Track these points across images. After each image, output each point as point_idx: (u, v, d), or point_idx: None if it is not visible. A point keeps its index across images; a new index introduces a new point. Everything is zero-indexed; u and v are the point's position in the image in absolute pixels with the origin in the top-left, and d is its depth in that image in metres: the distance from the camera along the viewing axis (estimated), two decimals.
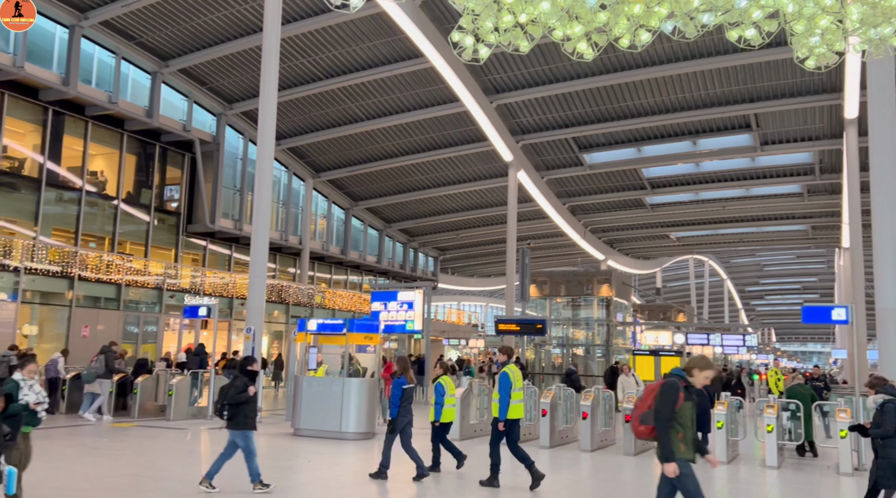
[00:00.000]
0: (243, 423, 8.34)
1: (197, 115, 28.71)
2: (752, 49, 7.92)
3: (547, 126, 31.70)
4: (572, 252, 49.50)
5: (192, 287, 26.29)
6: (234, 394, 8.30)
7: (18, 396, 6.90)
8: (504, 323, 27.55)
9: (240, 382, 8.42)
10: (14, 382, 7.06)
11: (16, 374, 7.17)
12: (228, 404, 8.29)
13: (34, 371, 7.23)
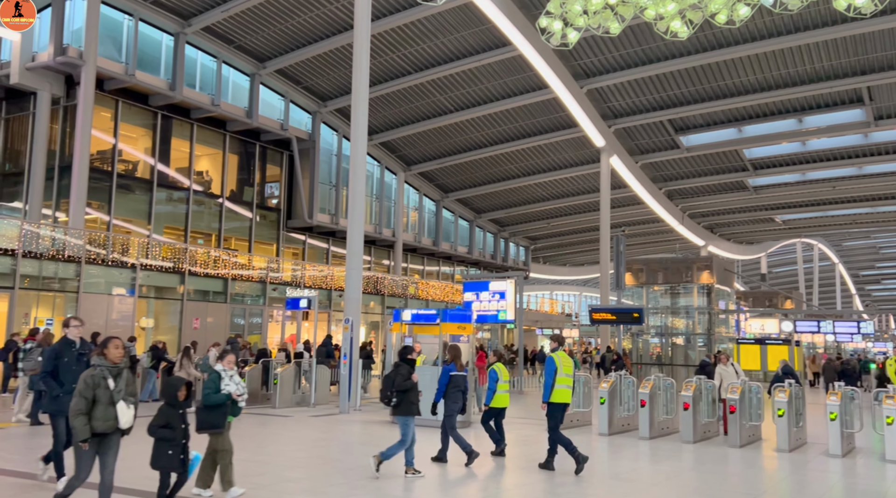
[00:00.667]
0: (407, 409, 8.70)
1: (293, 113, 29.75)
2: (863, 18, 7.39)
3: (640, 109, 30.83)
4: (670, 238, 48.03)
5: (293, 280, 27.30)
6: (401, 381, 8.65)
7: (220, 386, 7.10)
8: (599, 312, 27.10)
9: (404, 369, 8.80)
10: (216, 373, 7.19)
11: (217, 365, 7.31)
12: (396, 391, 8.60)
13: (233, 362, 7.39)
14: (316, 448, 11.18)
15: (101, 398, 5.69)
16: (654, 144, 34.58)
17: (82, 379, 5.71)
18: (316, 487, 8.17)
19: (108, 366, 5.85)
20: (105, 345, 5.92)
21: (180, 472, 6.44)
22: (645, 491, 8.57)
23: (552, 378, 9.49)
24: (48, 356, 7.61)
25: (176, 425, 6.44)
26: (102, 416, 5.68)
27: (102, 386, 5.71)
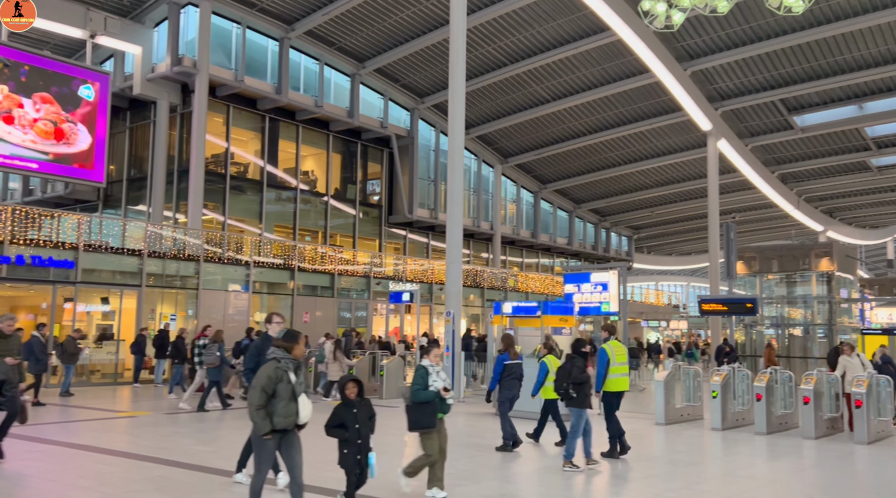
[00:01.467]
0: (582, 401, 8.83)
1: (392, 111, 30.35)
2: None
3: (750, 89, 29.34)
4: (784, 224, 45.54)
5: (395, 274, 27.89)
6: (578, 374, 8.78)
7: (428, 382, 6.86)
8: (708, 303, 26.05)
9: (579, 362, 8.94)
10: (423, 369, 6.93)
11: (423, 360, 7.09)
12: (573, 383, 8.76)
13: (440, 356, 7.16)
14: None
15: (283, 393, 5.44)
16: (766, 126, 32.82)
17: (265, 374, 5.47)
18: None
19: (291, 359, 5.63)
20: (295, 339, 5.72)
21: (356, 472, 6.25)
22: (764, 488, 8.20)
23: (605, 368, 9.78)
24: (252, 353, 7.41)
25: (350, 424, 6.21)
26: (284, 411, 5.45)
27: (285, 380, 5.47)
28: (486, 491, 7.58)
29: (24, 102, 20.44)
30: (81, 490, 7.19)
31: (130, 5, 24.16)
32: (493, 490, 7.68)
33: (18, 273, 17.61)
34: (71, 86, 21.47)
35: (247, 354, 7.55)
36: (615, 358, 9.87)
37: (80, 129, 21.67)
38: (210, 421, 12.79)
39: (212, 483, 7.58)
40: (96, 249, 19.29)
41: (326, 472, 7.65)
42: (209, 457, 9.03)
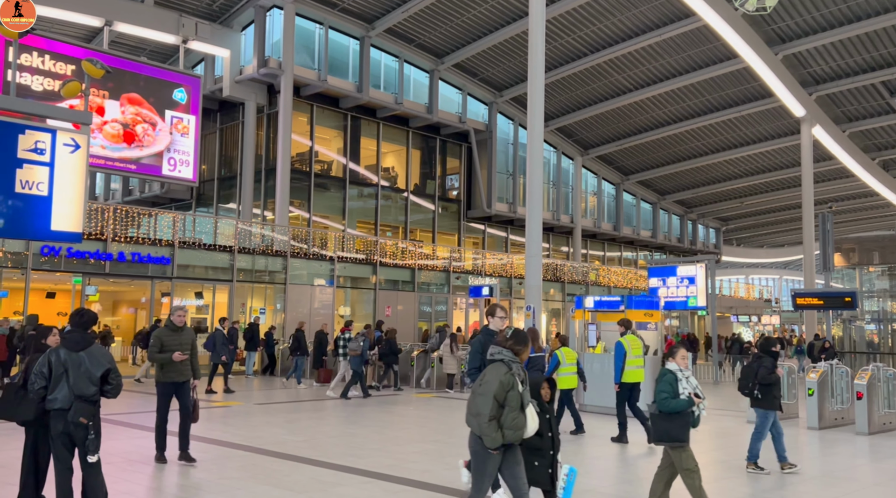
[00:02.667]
0: (770, 403, 8.67)
1: (470, 106, 30.39)
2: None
3: (848, 72, 27.76)
4: (887, 214, 42.93)
5: (474, 268, 27.95)
6: (765, 374, 8.68)
7: (678, 389, 6.08)
8: (803, 296, 24.86)
9: (768, 362, 8.81)
10: (671, 374, 6.14)
11: (670, 363, 6.25)
12: (760, 384, 8.69)
13: (686, 358, 6.32)
14: None
15: (513, 402, 4.73)
16: (865, 110, 30.98)
17: (497, 379, 4.70)
18: None
19: (519, 364, 4.87)
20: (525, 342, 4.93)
21: (548, 489, 5.44)
22: (865, 491, 7.78)
23: (622, 361, 10.41)
24: (475, 350, 6.45)
25: (544, 432, 5.34)
26: (513, 423, 4.71)
27: (516, 388, 4.76)
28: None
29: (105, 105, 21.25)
30: (177, 475, 7.58)
31: (219, 10, 25.14)
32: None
33: (120, 269, 18.69)
34: (166, 90, 22.56)
35: (470, 351, 6.62)
36: (631, 351, 10.47)
37: (161, 131, 22.43)
38: (303, 411, 13.22)
39: (301, 472, 7.84)
40: (190, 246, 20.22)
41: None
42: (300, 446, 9.33)
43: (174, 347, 7.83)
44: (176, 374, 7.88)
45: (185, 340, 7.94)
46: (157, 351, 7.85)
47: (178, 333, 7.94)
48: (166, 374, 7.89)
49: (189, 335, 8.03)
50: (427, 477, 7.57)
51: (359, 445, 9.52)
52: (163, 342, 7.83)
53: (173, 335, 7.90)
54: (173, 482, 7.29)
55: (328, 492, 6.94)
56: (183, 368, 7.89)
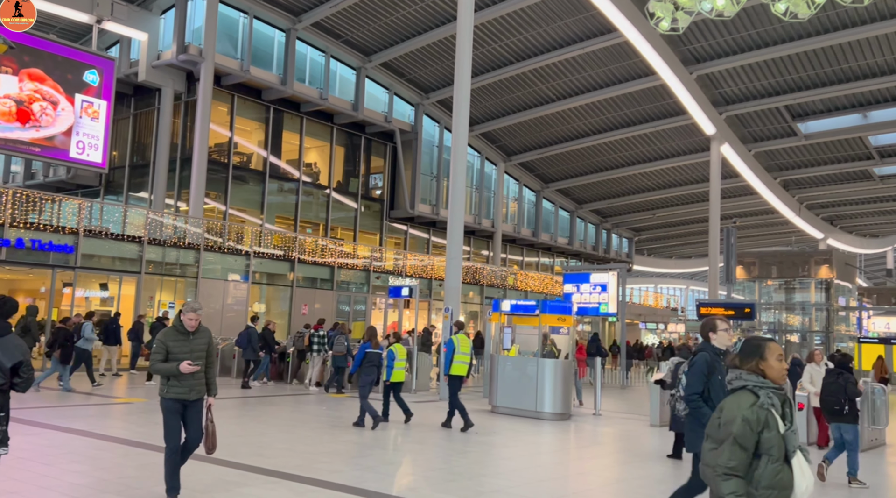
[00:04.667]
0: (856, 417, 8.82)
1: (397, 106, 30.35)
2: None
3: (754, 95, 29.34)
4: (785, 231, 45.57)
5: (395, 269, 27.93)
6: (853, 389, 8.83)
7: None
8: (707, 306, 26.07)
9: (852, 378, 9.05)
10: None
11: None
12: (849, 400, 8.80)
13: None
14: (417, 434, 11.44)
15: (770, 448, 3.10)
16: (770, 132, 32.83)
17: (741, 417, 3.12)
18: (417, 471, 8.33)
19: (776, 391, 3.25)
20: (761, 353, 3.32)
21: None
22: None
23: (451, 355, 11.82)
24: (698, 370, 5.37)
25: None
26: (772, 481, 3.08)
27: (773, 427, 3.14)
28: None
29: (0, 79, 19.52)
30: (75, 474, 7.23)
31: None
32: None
33: (18, 256, 17.65)
34: (76, 70, 21.44)
35: (689, 373, 5.46)
36: (460, 348, 11.90)
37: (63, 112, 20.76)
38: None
39: (206, 472, 7.62)
40: (96, 235, 19.32)
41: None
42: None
43: (183, 355, 6.08)
44: (184, 390, 6.13)
45: (197, 346, 6.22)
46: (162, 359, 6.11)
47: (189, 339, 6.18)
48: (171, 389, 6.14)
49: (202, 341, 6.29)
50: (336, 477, 7.51)
51: (267, 445, 9.34)
52: (168, 348, 6.12)
53: (182, 340, 6.16)
54: (66, 481, 6.94)
55: (232, 492, 6.77)
56: (194, 382, 6.16)
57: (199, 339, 6.28)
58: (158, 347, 6.18)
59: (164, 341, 6.17)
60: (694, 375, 5.40)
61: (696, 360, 5.49)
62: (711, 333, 5.59)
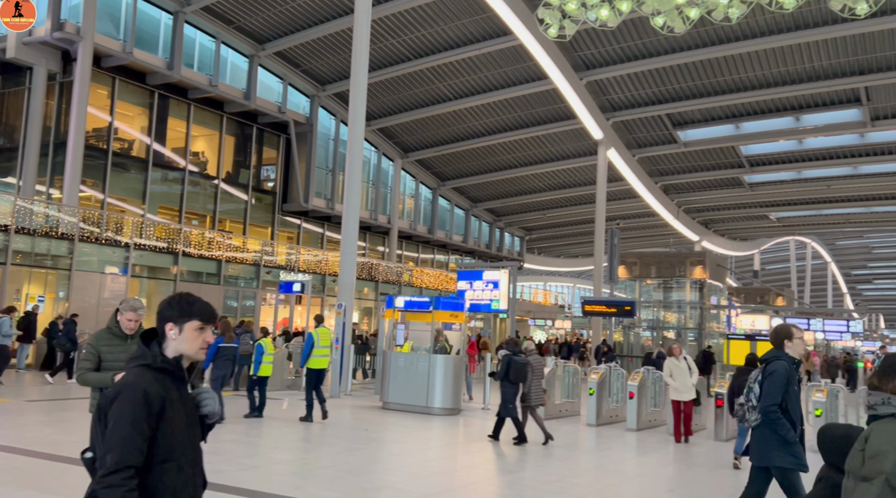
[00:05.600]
0: None
1: (291, 97, 29.65)
2: (857, 19, 7.41)
3: (639, 102, 30.82)
4: (664, 233, 48.19)
5: (288, 264, 27.32)
6: None
7: None
8: (591, 304, 27.22)
9: None
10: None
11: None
12: None
13: None
14: (304, 432, 11.25)
15: None
16: (652, 138, 34.60)
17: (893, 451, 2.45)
18: (305, 469, 8.23)
19: None
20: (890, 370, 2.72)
21: None
22: (630, 482, 8.68)
23: (310, 349, 11.94)
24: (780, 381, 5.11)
25: None
26: None
27: None
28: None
29: None
30: None
31: None
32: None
33: None
34: None
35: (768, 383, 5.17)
36: (319, 341, 12.03)
37: None
38: (79, 409, 12.06)
39: (73, 475, 7.17)
40: None
41: None
42: (75, 448, 8.52)
43: (118, 363, 4.94)
44: None
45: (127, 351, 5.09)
46: (92, 367, 4.99)
47: (126, 343, 5.09)
48: None
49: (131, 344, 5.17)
50: (217, 478, 7.26)
51: None
52: (100, 354, 5.04)
53: (118, 345, 5.07)
54: None
55: None
56: None
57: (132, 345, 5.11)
58: (88, 353, 5.10)
59: (96, 346, 5.10)
60: (774, 386, 5.10)
61: (775, 369, 5.17)
62: (787, 340, 5.29)
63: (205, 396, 2.58)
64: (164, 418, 2.34)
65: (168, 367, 2.44)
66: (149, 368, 2.40)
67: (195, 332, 2.51)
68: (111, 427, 2.28)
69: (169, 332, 2.48)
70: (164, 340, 2.49)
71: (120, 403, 2.30)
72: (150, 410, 2.30)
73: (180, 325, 2.49)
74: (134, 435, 2.26)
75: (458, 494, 7.51)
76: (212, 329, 2.62)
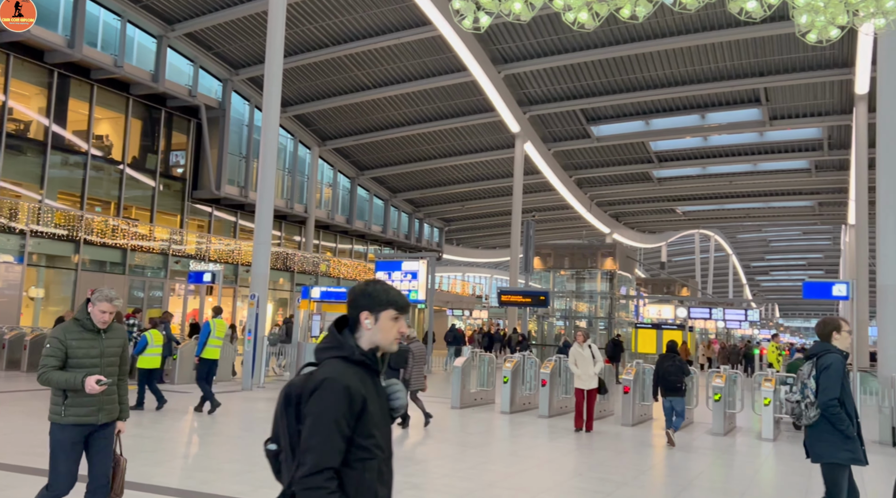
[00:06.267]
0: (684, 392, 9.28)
1: (203, 80, 28.60)
2: (754, 22, 7.80)
3: (555, 97, 31.45)
4: (578, 225, 49.48)
5: (198, 253, 26.45)
6: (686, 369, 8.86)
7: None
8: (507, 294, 27.67)
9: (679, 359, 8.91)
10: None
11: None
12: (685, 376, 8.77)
13: None
14: (211, 425, 10.95)
15: None
16: (567, 133, 35.40)
17: None
18: (213, 463, 8.00)
19: None
20: None
21: None
22: (540, 466, 8.89)
23: (206, 338, 11.95)
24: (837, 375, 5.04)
25: None
26: None
27: None
28: None
29: None
30: None
31: None
32: None
33: None
34: None
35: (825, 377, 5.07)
36: (215, 332, 12.05)
37: None
38: None
39: None
40: None
41: None
42: None
43: (89, 360, 4.42)
44: (90, 409, 4.44)
45: (109, 349, 4.55)
46: (57, 365, 4.37)
47: (99, 338, 4.50)
48: (71, 409, 4.41)
49: (116, 341, 4.61)
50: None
51: (41, 443, 8.43)
52: (68, 351, 4.41)
53: (89, 340, 4.47)
54: None
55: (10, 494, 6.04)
56: (105, 398, 4.49)
57: (113, 339, 4.57)
58: (54, 348, 4.38)
59: (63, 340, 4.40)
60: (832, 380, 5.01)
61: (831, 362, 5.08)
62: (835, 332, 5.23)
63: (395, 388, 2.42)
64: (365, 415, 2.20)
65: (366, 360, 2.29)
66: (346, 361, 2.25)
67: (391, 321, 2.35)
68: (311, 424, 2.15)
69: (364, 321, 2.33)
70: (358, 330, 2.33)
71: (321, 398, 2.15)
72: (351, 408, 2.17)
73: (376, 314, 2.34)
74: (335, 434, 2.13)
75: None
76: None
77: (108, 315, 4.48)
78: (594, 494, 7.31)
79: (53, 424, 4.48)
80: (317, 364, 2.30)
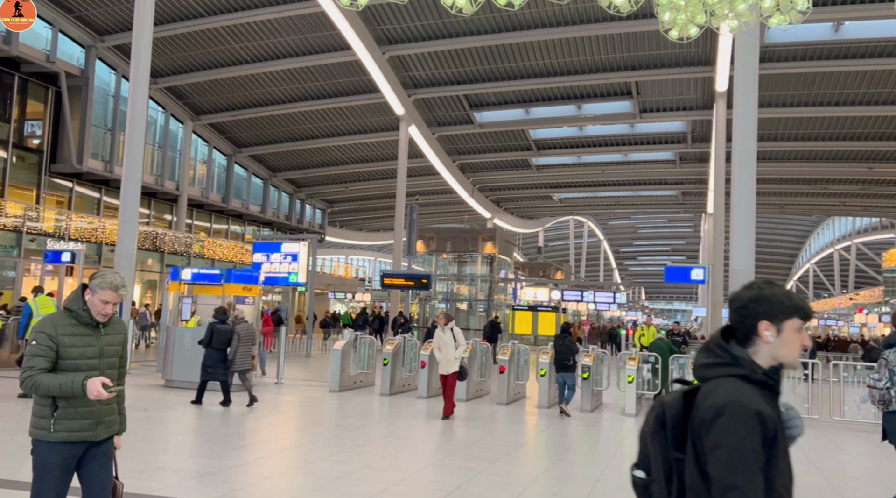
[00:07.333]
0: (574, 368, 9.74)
1: (63, 46, 26.43)
2: (622, 17, 8.17)
3: (439, 82, 31.59)
4: (460, 209, 50.21)
5: (56, 231, 24.57)
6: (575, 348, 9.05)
7: None
8: (390, 277, 27.70)
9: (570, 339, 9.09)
10: None
11: None
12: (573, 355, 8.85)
13: None
14: None
15: None
16: (451, 118, 35.70)
17: None
18: None
19: None
20: None
21: None
22: (416, 447, 9.00)
23: (28, 319, 11.89)
24: None
25: None
26: None
27: None
28: None
29: None
30: None
31: None
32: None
33: None
34: None
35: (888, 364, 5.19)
36: (38, 311, 11.87)
37: None
38: None
39: None
40: None
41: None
42: None
43: (87, 361, 3.52)
44: (88, 423, 3.55)
45: (109, 348, 3.65)
46: (47, 367, 3.45)
47: (97, 334, 3.61)
48: (63, 423, 3.49)
49: (117, 338, 3.70)
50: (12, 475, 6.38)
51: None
52: (59, 348, 3.49)
53: (87, 335, 3.57)
54: None
55: None
56: (104, 408, 3.60)
57: (113, 335, 3.67)
58: (42, 346, 3.45)
59: (55, 336, 3.48)
60: None
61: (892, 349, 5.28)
62: None
63: (793, 414, 2.03)
64: (776, 449, 1.85)
65: (769, 380, 1.93)
66: (745, 380, 1.91)
67: (795, 333, 1.97)
68: (727, 459, 1.80)
69: (764, 332, 1.96)
70: (754, 343, 1.97)
71: (729, 426, 1.81)
72: (765, 437, 1.83)
73: (779, 323, 1.96)
74: (756, 471, 1.78)
75: (244, 470, 7.29)
76: None
77: (110, 307, 3.56)
78: (469, 472, 7.49)
79: (40, 441, 3.52)
80: (687, 382, 2.01)
